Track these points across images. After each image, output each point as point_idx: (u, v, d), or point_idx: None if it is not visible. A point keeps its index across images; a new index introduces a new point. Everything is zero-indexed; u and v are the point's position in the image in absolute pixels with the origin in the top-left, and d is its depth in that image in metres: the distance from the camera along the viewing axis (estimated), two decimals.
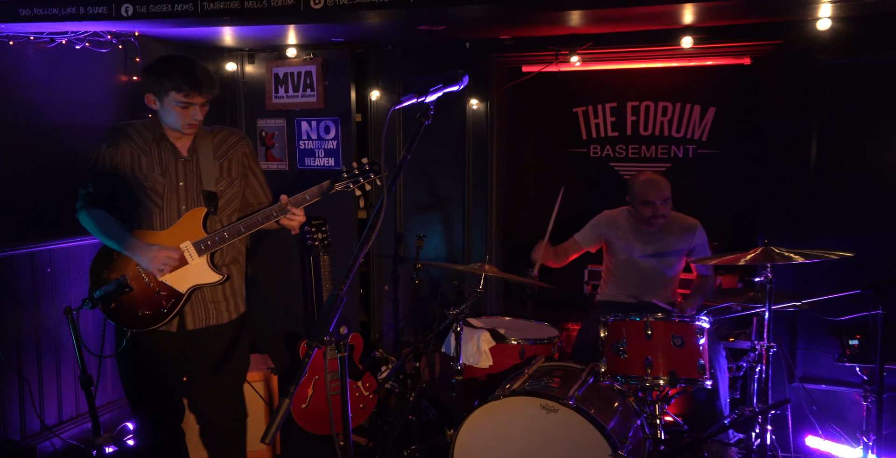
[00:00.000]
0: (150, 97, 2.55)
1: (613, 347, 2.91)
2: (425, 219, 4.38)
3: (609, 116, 4.46)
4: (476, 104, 4.16)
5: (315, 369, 3.70)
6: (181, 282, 2.61)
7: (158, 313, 2.60)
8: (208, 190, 2.64)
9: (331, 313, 1.72)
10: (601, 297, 3.82)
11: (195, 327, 2.69)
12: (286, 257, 4.48)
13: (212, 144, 2.68)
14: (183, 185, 2.63)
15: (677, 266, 3.65)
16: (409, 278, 4.07)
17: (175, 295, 2.61)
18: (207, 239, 2.59)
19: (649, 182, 3.53)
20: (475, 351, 3.40)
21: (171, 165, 2.62)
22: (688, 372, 2.82)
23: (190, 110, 2.53)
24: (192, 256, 2.59)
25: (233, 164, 2.71)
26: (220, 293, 2.72)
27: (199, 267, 2.61)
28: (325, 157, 4.36)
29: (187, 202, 2.62)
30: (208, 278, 2.63)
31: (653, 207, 3.50)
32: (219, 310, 2.73)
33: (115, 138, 2.62)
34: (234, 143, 2.74)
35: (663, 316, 2.88)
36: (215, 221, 2.66)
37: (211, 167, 2.65)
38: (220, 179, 2.67)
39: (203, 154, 2.65)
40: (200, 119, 2.57)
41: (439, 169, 4.30)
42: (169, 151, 2.63)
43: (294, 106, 4.37)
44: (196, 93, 2.49)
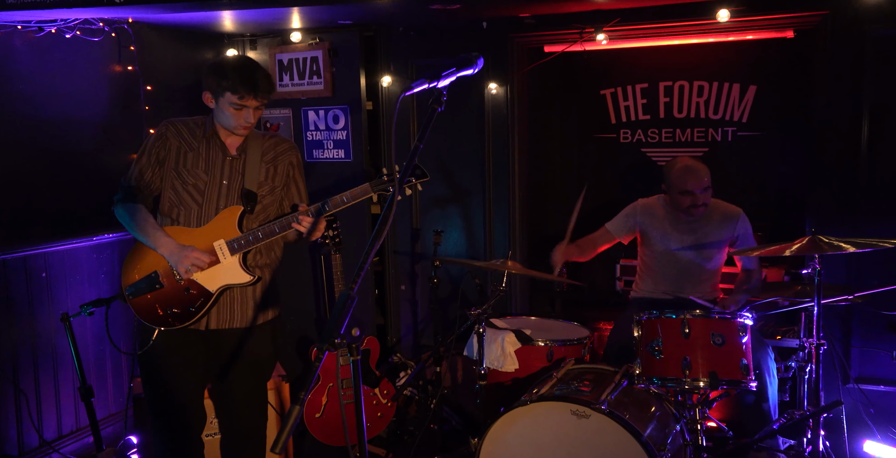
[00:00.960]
0: (206, 95, 2.69)
1: (648, 347, 2.90)
2: (443, 213, 4.39)
3: (640, 97, 4.43)
4: (495, 88, 4.16)
5: (329, 375, 3.72)
6: (212, 281, 2.70)
7: (187, 312, 2.70)
8: (248, 189, 2.74)
9: (341, 315, 1.73)
10: (635, 293, 3.80)
11: (218, 326, 2.77)
12: (296, 256, 4.51)
13: (261, 147, 2.80)
14: (226, 184, 2.74)
15: (718, 258, 3.63)
16: (427, 276, 4.08)
17: (205, 294, 2.70)
18: (241, 238, 2.68)
19: (687, 170, 3.51)
20: (500, 354, 3.40)
21: (218, 162, 2.74)
22: (730, 373, 2.80)
23: (243, 112, 2.65)
24: (225, 254, 2.69)
25: (278, 171, 2.82)
26: (249, 296, 2.80)
27: (231, 266, 2.70)
28: (334, 148, 4.38)
29: (227, 201, 2.73)
30: (239, 279, 2.72)
31: (692, 197, 3.48)
32: (244, 313, 2.80)
33: (165, 132, 2.75)
34: (284, 150, 2.86)
35: (702, 313, 2.87)
36: (251, 221, 2.75)
37: (256, 169, 2.76)
38: (263, 183, 2.78)
39: (251, 155, 2.77)
40: (253, 122, 2.70)
41: (457, 159, 4.30)
42: (218, 148, 2.75)
43: (300, 94, 4.39)
44: (251, 96, 2.62)
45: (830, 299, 3.06)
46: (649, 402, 2.93)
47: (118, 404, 3.93)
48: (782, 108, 4.16)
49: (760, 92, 4.18)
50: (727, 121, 4.27)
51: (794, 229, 3.89)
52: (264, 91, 2.64)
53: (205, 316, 2.73)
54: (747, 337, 2.87)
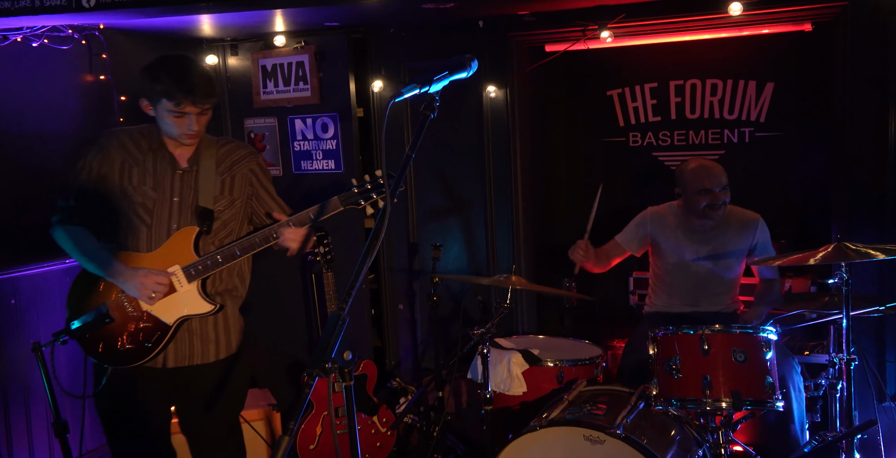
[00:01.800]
0: (143, 102, 2.58)
1: (665, 365, 2.89)
2: (442, 226, 4.38)
3: (649, 98, 4.44)
4: (494, 91, 4.16)
5: (322, 403, 3.70)
6: (168, 312, 2.60)
7: (142, 348, 2.60)
8: (204, 207, 2.63)
9: (333, 337, 1.72)
10: (650, 308, 3.79)
11: (176, 364, 2.67)
12: (284, 275, 4.50)
13: (216, 156, 2.69)
14: (177, 200, 2.62)
15: (737, 268, 3.62)
16: (427, 294, 4.06)
17: (161, 327, 2.60)
18: (199, 263, 2.58)
19: (702, 168, 3.51)
20: (506, 376, 3.39)
21: (167, 177, 2.63)
22: (754, 392, 2.78)
23: (185, 120, 2.54)
24: (181, 282, 2.59)
25: (236, 181, 2.71)
26: (210, 327, 2.71)
27: (189, 295, 2.60)
28: (323, 159, 4.38)
29: (180, 220, 2.62)
30: (198, 308, 2.62)
31: (711, 195, 3.47)
32: (206, 347, 2.72)
33: (105, 145, 2.64)
34: (242, 157, 2.75)
35: (721, 328, 2.85)
36: (209, 243, 2.65)
37: (211, 182, 2.65)
38: (220, 197, 2.67)
39: (204, 166, 2.66)
40: (198, 130, 2.58)
41: (455, 168, 4.30)
42: (166, 161, 2.64)
43: (286, 102, 4.40)
44: (188, 102, 2.50)
45: (861, 310, 3.04)
46: (668, 425, 2.91)
47: (96, 439, 3.90)
48: (802, 106, 4.15)
49: (778, 90, 4.18)
50: (743, 121, 4.26)
51: (818, 236, 3.88)
52: (203, 95, 2.51)
53: (162, 352, 2.63)
54: (772, 353, 2.85)
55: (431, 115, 1.90)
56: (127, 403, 2.69)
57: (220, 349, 2.75)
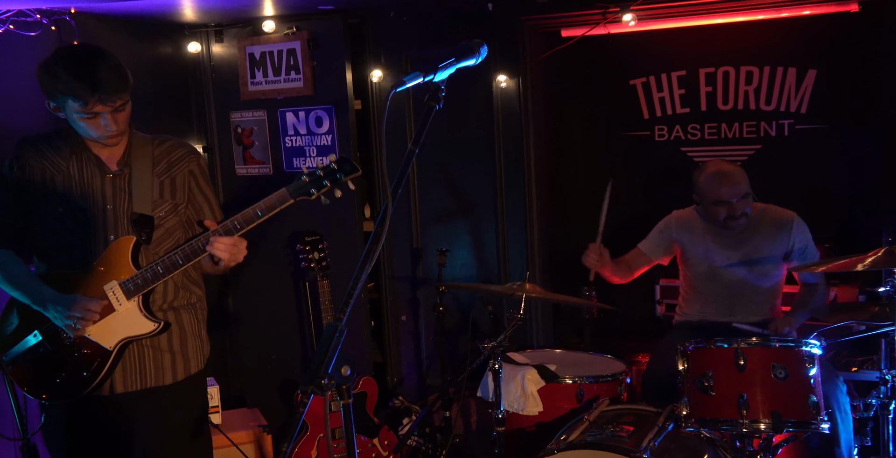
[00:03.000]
0: (50, 104, 2.49)
1: (697, 382, 2.87)
2: (448, 229, 4.37)
3: (677, 87, 4.43)
4: (505, 81, 4.16)
5: (318, 423, 3.70)
6: (107, 335, 2.54)
7: (80, 378, 2.54)
8: (140, 213, 2.57)
9: (329, 351, 1.71)
10: (680, 317, 3.78)
11: (125, 389, 2.61)
12: (276, 283, 4.50)
13: (151, 156, 2.62)
14: (111, 209, 2.57)
15: (776, 275, 3.59)
16: (432, 304, 4.06)
17: (101, 353, 2.54)
18: (137, 277, 2.52)
19: (719, 175, 3.49)
20: (519, 394, 3.38)
21: (96, 183, 2.57)
22: (796, 413, 2.76)
23: (98, 120, 2.46)
24: (120, 299, 2.53)
25: (177, 184, 2.66)
26: (163, 347, 2.65)
27: (130, 314, 2.55)
28: (318, 156, 4.38)
29: (117, 230, 2.56)
30: (140, 328, 2.56)
31: (728, 207, 3.45)
32: (159, 368, 2.65)
33: (21, 155, 2.57)
34: (181, 157, 2.69)
35: (759, 341, 2.84)
36: (151, 254, 2.60)
37: (147, 185, 2.58)
38: (160, 201, 2.62)
39: (139, 167, 2.59)
40: (116, 129, 2.50)
41: (463, 165, 4.30)
42: (93, 164, 2.58)
43: (276, 93, 4.40)
44: (95, 101, 2.40)
45: None
46: (700, 449, 2.89)
47: None
48: (849, 95, 4.13)
49: (821, 77, 4.16)
50: (782, 112, 4.25)
51: (866, 240, 3.85)
52: (112, 91, 2.40)
53: (105, 381, 2.56)
54: (815, 369, 2.83)
55: (437, 106, 1.89)
56: (72, 440, 2.63)
57: (178, 370, 2.68)
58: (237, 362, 4.69)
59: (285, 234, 4.36)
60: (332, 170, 2.51)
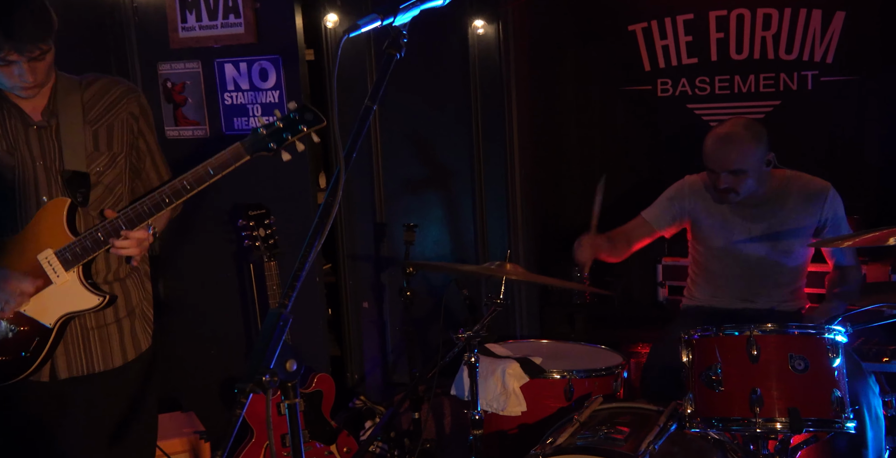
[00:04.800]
0: None
1: (703, 376, 2.89)
2: (418, 201, 4.37)
3: (683, 34, 4.43)
4: (483, 27, 4.14)
5: (265, 428, 3.69)
6: (46, 311, 2.58)
7: (18, 359, 2.57)
8: (73, 171, 2.58)
9: (271, 342, 1.71)
10: (689, 301, 3.80)
11: (70, 374, 2.67)
12: (214, 266, 4.48)
13: (80, 100, 2.63)
14: (42, 165, 2.59)
15: (802, 253, 3.61)
16: (398, 288, 4.05)
17: (40, 331, 2.58)
18: (75, 245, 2.56)
19: (718, 140, 3.48)
20: (500, 392, 3.40)
21: (20, 136, 2.59)
22: (817, 410, 2.78)
23: (12, 69, 2.46)
24: (58, 271, 2.56)
25: (114, 131, 2.68)
26: (108, 323, 2.71)
27: (70, 287, 2.58)
28: (263, 115, 4.34)
29: (49, 191, 2.59)
30: (82, 303, 2.61)
31: (713, 177, 3.48)
32: (106, 349, 2.71)
33: None
34: (117, 99, 2.70)
35: (774, 327, 2.85)
36: (89, 218, 2.63)
37: (79, 136, 2.60)
38: (95, 154, 2.63)
39: (67, 117, 2.60)
40: (33, 80, 2.50)
41: (435, 126, 4.29)
42: (15, 117, 2.60)
43: (212, 41, 4.35)
44: (9, 48, 2.39)
45: None
46: (708, 453, 2.91)
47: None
48: (883, 41, 4.15)
49: (851, 21, 4.17)
50: (805, 63, 4.26)
51: None
52: (29, 38, 2.40)
53: (47, 362, 2.61)
54: (840, 360, 2.85)
55: (398, 55, 1.90)
56: (4, 428, 2.68)
57: (128, 348, 2.76)
58: (170, 358, 4.66)
59: (225, 207, 4.32)
60: (293, 120, 2.53)
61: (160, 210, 2.58)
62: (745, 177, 3.45)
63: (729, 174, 3.44)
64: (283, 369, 1.72)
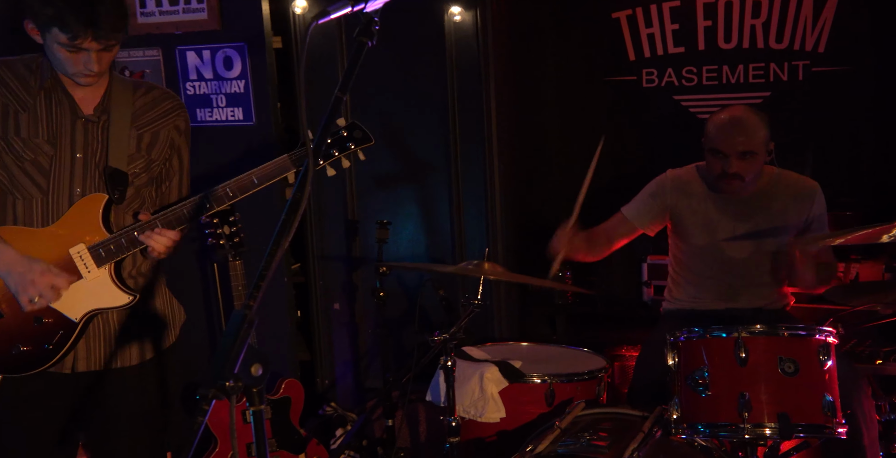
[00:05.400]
0: (29, 25, 2.58)
1: (689, 380, 2.90)
2: (391, 197, 4.37)
3: (669, 21, 4.44)
4: (460, 14, 4.14)
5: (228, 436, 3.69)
6: (73, 305, 2.65)
7: (41, 350, 2.65)
8: (115, 168, 2.67)
9: (235, 344, 1.71)
10: (670, 304, 3.82)
11: (90, 368, 2.75)
12: (176, 265, 4.44)
13: (132, 104, 2.73)
14: (81, 158, 2.66)
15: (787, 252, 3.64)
16: (371, 289, 4.06)
17: (65, 324, 2.66)
18: (110, 242, 2.64)
19: (730, 122, 3.49)
20: (478, 397, 3.40)
21: (66, 127, 2.66)
22: (808, 415, 2.80)
23: (81, 56, 2.54)
24: (89, 266, 2.64)
25: (159, 140, 2.78)
26: (131, 322, 2.79)
27: (99, 283, 2.66)
28: (227, 107, 4.35)
29: (84, 185, 2.66)
30: (113, 300, 2.70)
31: (723, 162, 3.47)
32: (125, 346, 2.79)
33: None
34: (168, 110, 2.82)
35: (763, 328, 2.87)
36: (120, 216, 2.71)
37: (125, 137, 2.69)
38: (136, 156, 2.73)
39: (118, 117, 2.69)
40: (98, 69, 2.58)
41: (409, 120, 4.29)
42: (65, 106, 2.66)
43: (173, 27, 4.34)
44: (87, 37, 2.48)
45: None
46: None
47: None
48: (877, 29, 4.17)
49: (844, 7, 4.19)
50: (797, 52, 4.28)
51: (893, 206, 3.93)
52: (110, 29, 2.49)
53: (69, 354, 2.70)
54: (831, 362, 2.88)
55: (369, 43, 1.90)
56: (20, 420, 2.75)
57: (147, 347, 2.84)
58: None
59: None
60: (343, 137, 2.71)
61: (201, 214, 2.71)
62: (755, 161, 3.47)
63: (739, 157, 3.44)
64: (247, 373, 1.72)
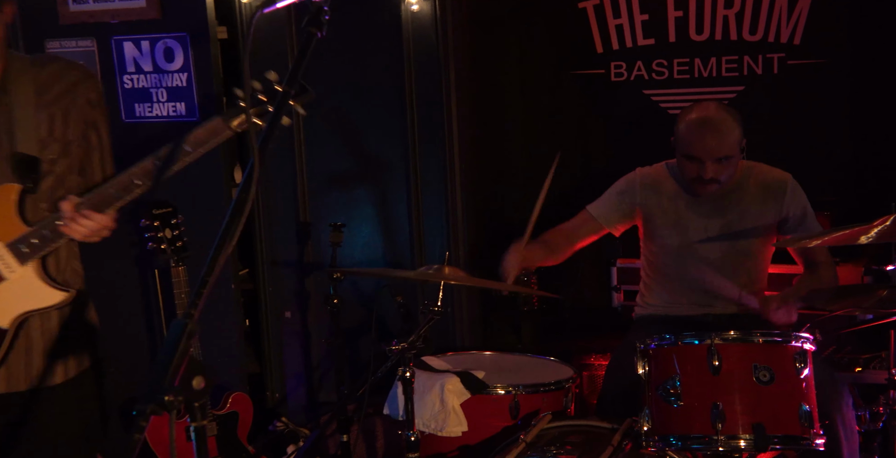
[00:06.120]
0: None
1: (661, 390, 2.92)
2: (346, 198, 4.36)
3: (638, 11, 4.46)
4: (417, 3, 4.13)
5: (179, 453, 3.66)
6: (1, 310, 2.59)
7: None
8: (24, 154, 2.58)
9: (175, 356, 1.70)
10: (642, 309, 3.83)
11: (8, 389, 2.66)
12: (114, 272, 4.42)
13: (34, 80, 2.64)
14: None
15: (764, 251, 3.67)
16: (325, 296, 4.04)
17: None
18: (32, 235, 2.57)
19: (701, 124, 3.49)
20: (438, 410, 3.40)
21: None
22: (784, 425, 2.82)
23: None
24: (11, 265, 2.58)
25: (70, 118, 2.69)
26: (55, 329, 2.71)
27: (25, 283, 2.59)
28: (169, 101, 4.32)
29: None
30: (44, 300, 2.63)
31: (698, 166, 3.49)
32: (50, 361, 2.70)
33: None
34: (76, 83, 2.70)
35: (737, 335, 2.90)
36: (39, 208, 2.64)
37: (31, 118, 2.60)
38: (49, 140, 2.64)
39: (19, 96, 2.60)
40: None
41: (366, 116, 4.29)
42: None
43: (109, 16, 4.30)
44: None
45: None
46: None
47: None
48: (854, 21, 4.21)
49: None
50: (771, 44, 4.31)
51: (875, 205, 3.96)
52: None
53: (1, 367, 2.63)
54: (808, 370, 2.90)
55: (318, 34, 1.90)
56: None
57: (70, 364, 2.75)
58: None
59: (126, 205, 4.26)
60: (278, 91, 2.44)
61: (130, 194, 2.58)
62: (731, 164, 3.48)
63: (715, 162, 3.46)
64: (189, 387, 1.70)
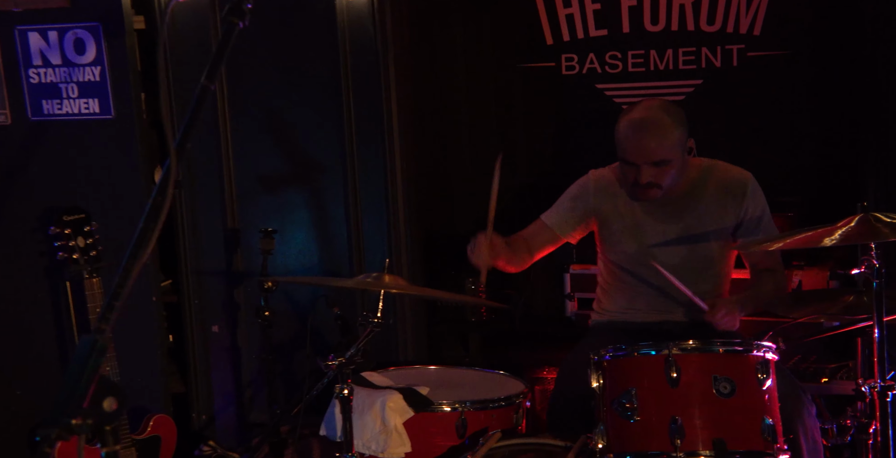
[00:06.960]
0: None
1: (616, 404, 2.92)
2: (278, 202, 4.35)
3: (590, 1, 4.48)
4: None
5: None
6: None
7: None
8: None
9: (83, 376, 1.67)
10: (599, 316, 3.85)
11: None
12: (20, 284, 4.38)
13: None
14: None
15: (725, 256, 3.70)
16: (255, 308, 4.02)
17: None
18: None
19: (637, 125, 3.51)
20: (379, 430, 3.39)
21: None
22: (746, 441, 2.83)
23: None
24: None
25: None
26: None
27: None
28: (81, 97, 4.28)
29: None
30: None
31: (634, 172, 3.51)
32: None
33: None
34: None
35: (697, 344, 2.91)
36: None
37: None
38: None
39: None
40: None
41: (299, 113, 4.28)
42: None
43: (11, 3, 4.25)
44: None
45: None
46: None
47: None
48: (817, 12, 4.26)
49: None
50: (730, 35, 4.35)
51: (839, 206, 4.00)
52: None
53: None
54: (771, 381, 2.92)
55: (240, 24, 1.88)
56: None
57: None
58: None
59: (33, 211, 4.21)
60: None
61: None
62: (670, 168, 3.49)
63: (652, 166, 3.47)
64: (99, 409, 1.68)
